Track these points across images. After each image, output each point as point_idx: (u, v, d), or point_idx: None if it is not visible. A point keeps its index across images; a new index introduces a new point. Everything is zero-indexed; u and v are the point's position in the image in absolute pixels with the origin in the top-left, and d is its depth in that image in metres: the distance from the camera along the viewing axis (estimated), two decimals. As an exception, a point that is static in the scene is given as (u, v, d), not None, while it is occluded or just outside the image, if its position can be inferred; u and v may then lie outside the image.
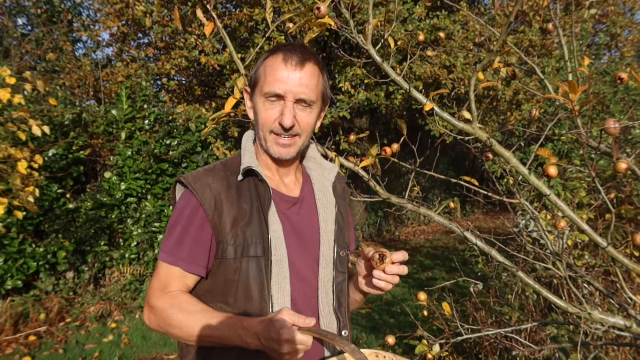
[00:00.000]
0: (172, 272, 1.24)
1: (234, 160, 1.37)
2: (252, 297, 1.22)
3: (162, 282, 1.24)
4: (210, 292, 1.26)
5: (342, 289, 1.38)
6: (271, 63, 1.29)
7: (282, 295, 1.24)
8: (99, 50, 9.81)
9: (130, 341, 4.84)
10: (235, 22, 7.15)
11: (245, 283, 1.23)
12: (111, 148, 6.57)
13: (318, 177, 1.46)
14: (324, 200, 1.42)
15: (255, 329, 1.09)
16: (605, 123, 1.32)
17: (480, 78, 1.67)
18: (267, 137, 1.30)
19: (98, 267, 5.95)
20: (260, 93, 1.30)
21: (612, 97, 5.68)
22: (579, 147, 4.79)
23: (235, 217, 1.25)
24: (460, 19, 7.20)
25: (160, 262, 1.26)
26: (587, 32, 7.95)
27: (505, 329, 2.23)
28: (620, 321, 1.67)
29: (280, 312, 1.08)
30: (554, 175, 1.46)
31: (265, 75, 1.28)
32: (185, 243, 1.24)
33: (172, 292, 1.23)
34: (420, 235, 11.38)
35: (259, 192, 1.29)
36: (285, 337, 1.03)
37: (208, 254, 1.25)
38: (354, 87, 7.31)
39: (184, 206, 1.28)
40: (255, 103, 1.33)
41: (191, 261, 1.24)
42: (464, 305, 3.73)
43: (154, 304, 1.22)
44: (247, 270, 1.23)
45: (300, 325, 1.06)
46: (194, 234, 1.24)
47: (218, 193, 1.26)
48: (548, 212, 3.70)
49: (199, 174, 1.31)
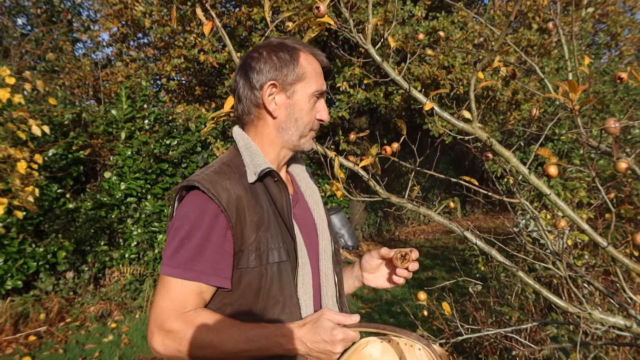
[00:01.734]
0: (189, 289, 1.12)
1: (236, 161, 1.27)
2: (279, 303, 1.17)
3: (176, 302, 1.11)
4: (229, 304, 1.17)
5: (340, 278, 1.40)
6: (311, 61, 1.29)
7: (307, 296, 1.22)
8: (98, 50, 9.82)
9: (130, 341, 4.84)
10: (234, 21, 7.15)
11: (272, 290, 1.17)
12: (111, 148, 6.56)
13: (300, 173, 1.45)
14: (313, 196, 1.41)
15: (297, 334, 1.06)
16: (605, 122, 1.32)
17: (479, 77, 1.67)
18: (306, 134, 1.30)
19: (98, 266, 5.95)
20: (305, 91, 1.27)
21: (612, 96, 5.68)
22: (578, 146, 4.79)
23: (257, 222, 1.18)
24: (459, 19, 7.20)
25: (170, 278, 1.12)
26: (586, 31, 7.95)
27: (505, 328, 2.23)
28: (620, 321, 1.67)
29: (323, 312, 1.07)
30: (554, 175, 1.46)
31: (312, 72, 1.28)
32: (207, 254, 1.12)
33: (190, 312, 1.11)
34: (420, 234, 11.38)
35: (271, 194, 1.23)
36: (340, 336, 1.03)
37: (231, 263, 1.16)
38: (352, 87, 7.31)
39: (200, 213, 1.14)
40: (295, 100, 1.27)
41: (216, 274, 1.13)
42: (464, 305, 3.73)
43: (170, 327, 1.09)
44: (273, 276, 1.17)
45: (347, 323, 1.05)
46: (216, 243, 1.13)
47: (239, 197, 1.17)
48: (548, 211, 3.71)
49: (210, 176, 1.18)
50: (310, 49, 1.31)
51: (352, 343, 1.07)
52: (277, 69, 1.26)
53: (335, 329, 1.03)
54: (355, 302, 6.02)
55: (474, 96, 1.59)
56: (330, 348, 1.03)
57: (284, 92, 1.27)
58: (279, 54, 1.27)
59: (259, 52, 1.29)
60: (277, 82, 1.26)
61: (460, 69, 6.86)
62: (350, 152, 8.17)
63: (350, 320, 1.06)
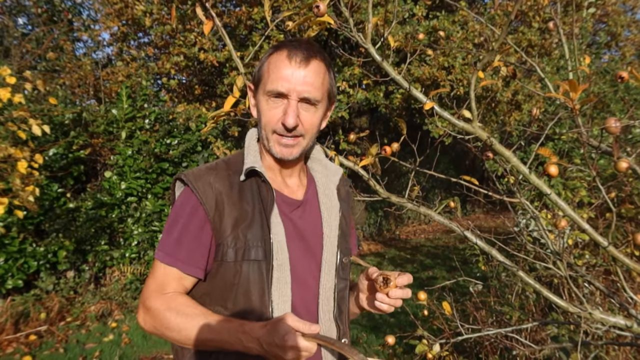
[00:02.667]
0: (169, 273, 1.19)
1: (236, 159, 1.30)
2: (251, 302, 1.18)
3: (158, 283, 1.19)
4: (207, 294, 1.22)
5: (343, 295, 1.34)
6: (275, 59, 1.22)
7: (282, 300, 1.20)
8: (99, 49, 9.82)
9: (130, 340, 4.84)
10: (234, 21, 7.15)
11: (245, 287, 1.18)
12: (111, 147, 6.56)
13: (322, 180, 1.40)
14: (328, 204, 1.36)
15: (256, 333, 1.06)
16: (606, 122, 1.32)
17: (480, 77, 1.67)
18: (269, 136, 1.25)
19: (98, 266, 5.95)
20: (263, 91, 1.24)
21: (613, 96, 5.68)
22: (579, 146, 4.79)
23: (237, 218, 1.20)
24: (459, 19, 7.19)
25: (157, 261, 1.21)
26: (586, 31, 7.94)
27: (505, 328, 2.23)
28: (621, 320, 1.67)
29: (284, 317, 1.05)
30: (554, 174, 1.46)
31: (269, 72, 1.22)
32: (184, 243, 1.19)
33: (168, 294, 1.18)
34: (421, 234, 11.38)
35: (261, 194, 1.24)
36: (290, 343, 1.00)
37: (207, 255, 1.20)
38: (351, 87, 7.31)
39: (183, 204, 1.22)
40: (258, 101, 1.27)
41: (189, 262, 1.19)
42: (464, 305, 3.73)
43: (149, 305, 1.17)
44: (247, 273, 1.18)
45: (305, 332, 1.03)
46: (193, 233, 1.19)
47: (219, 193, 1.21)
48: (548, 211, 3.70)
49: (200, 171, 1.25)
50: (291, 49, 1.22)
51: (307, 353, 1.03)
52: (255, 72, 1.30)
53: (288, 334, 1.01)
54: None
55: (474, 96, 1.59)
56: (281, 353, 1.01)
57: (255, 94, 1.30)
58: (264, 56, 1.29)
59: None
60: (251, 84, 1.32)
61: (461, 69, 6.85)
62: (351, 151, 8.17)
63: (309, 329, 1.03)
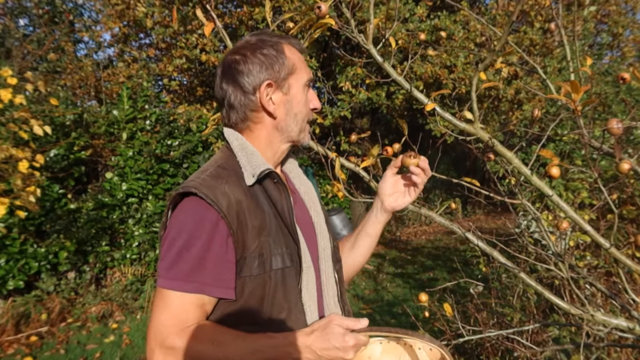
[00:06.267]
0: (189, 302, 1.05)
1: (231, 163, 1.19)
2: (284, 310, 1.12)
3: (177, 316, 1.04)
4: (232, 314, 1.10)
5: (340, 277, 1.35)
6: (294, 51, 1.25)
7: (311, 301, 1.17)
8: (100, 50, 9.83)
9: (131, 341, 4.84)
10: (235, 21, 7.15)
11: (276, 297, 1.11)
12: (112, 148, 6.57)
13: (293, 169, 1.38)
14: (309, 193, 1.35)
15: (306, 342, 1.02)
16: (608, 123, 1.32)
17: (482, 78, 1.66)
18: (305, 127, 1.25)
19: (99, 267, 5.96)
20: (299, 83, 1.23)
21: (614, 97, 5.67)
22: (580, 147, 4.78)
23: (259, 227, 1.11)
24: (461, 18, 7.19)
25: (169, 291, 1.05)
26: (588, 31, 7.93)
27: (507, 330, 2.22)
28: (623, 322, 1.66)
29: (332, 318, 1.04)
30: (556, 176, 1.45)
31: (295, 64, 1.23)
32: (208, 264, 1.06)
33: (191, 326, 1.05)
34: (422, 235, 11.36)
35: (271, 196, 1.16)
36: (352, 342, 1.00)
37: (234, 272, 1.09)
38: (354, 87, 7.30)
39: (198, 221, 1.07)
40: (291, 95, 1.22)
41: (219, 285, 1.07)
42: (465, 306, 3.72)
43: (172, 344, 1.02)
44: (277, 283, 1.11)
45: (356, 328, 1.03)
46: (217, 252, 1.06)
47: (238, 202, 1.09)
48: (549, 212, 3.70)
49: (208, 181, 1.10)
50: (289, 39, 1.25)
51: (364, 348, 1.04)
52: (268, 67, 1.20)
53: (347, 334, 1.01)
54: (356, 302, 6.01)
55: (475, 97, 1.58)
56: (343, 354, 1.00)
57: (280, 89, 1.21)
58: (264, 51, 1.20)
59: (242, 54, 1.20)
60: (272, 81, 1.20)
61: (463, 68, 6.85)
62: (352, 152, 8.17)
63: (359, 324, 1.03)
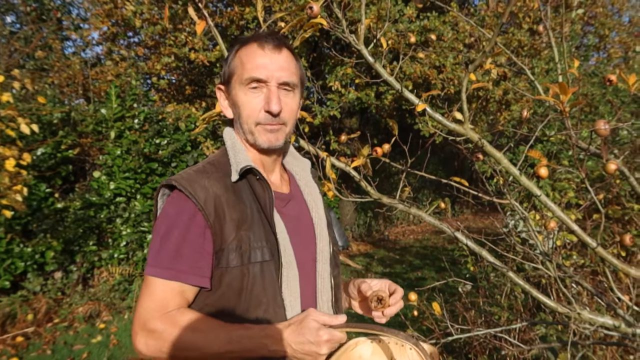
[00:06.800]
0: (170, 288, 1.11)
1: (221, 160, 1.25)
2: (262, 304, 1.14)
3: (158, 301, 1.10)
4: (211, 304, 1.15)
5: (337, 283, 1.36)
6: (246, 52, 1.22)
7: (293, 297, 1.18)
8: (88, 48, 9.74)
9: (119, 341, 4.81)
10: (226, 21, 7.14)
11: (254, 290, 1.14)
12: (100, 147, 6.52)
13: (300, 172, 1.41)
14: (312, 195, 1.38)
15: (282, 335, 1.05)
16: (596, 124, 1.34)
17: (472, 79, 1.68)
18: (253, 129, 1.22)
19: (86, 266, 5.90)
20: (239, 84, 1.21)
21: (601, 98, 5.73)
22: (567, 147, 4.83)
23: (238, 220, 1.15)
24: (450, 19, 7.23)
25: (152, 278, 1.11)
26: (575, 33, 8.02)
27: (494, 328, 2.24)
28: (609, 320, 1.68)
29: (308, 313, 1.05)
30: (544, 176, 1.47)
31: (242, 64, 1.21)
32: (185, 253, 1.11)
33: (172, 311, 1.10)
34: (410, 235, 11.42)
35: (255, 192, 1.20)
36: (326, 337, 1.01)
37: (211, 263, 1.14)
38: (344, 87, 7.32)
39: (178, 212, 1.14)
40: (234, 96, 1.24)
41: (195, 273, 1.12)
42: (454, 305, 3.75)
43: (153, 327, 1.07)
44: (255, 276, 1.14)
45: (332, 324, 1.04)
46: (193, 242, 1.12)
47: (217, 196, 1.15)
48: (536, 212, 3.74)
49: (190, 175, 1.18)
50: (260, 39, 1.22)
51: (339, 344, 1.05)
52: (223, 70, 1.27)
53: (321, 329, 1.02)
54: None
55: (465, 97, 1.60)
56: (316, 349, 1.01)
57: (226, 91, 1.26)
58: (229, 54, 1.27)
59: None
60: (220, 84, 1.28)
61: (452, 68, 6.90)
62: (341, 152, 8.18)
63: (337, 320, 1.04)
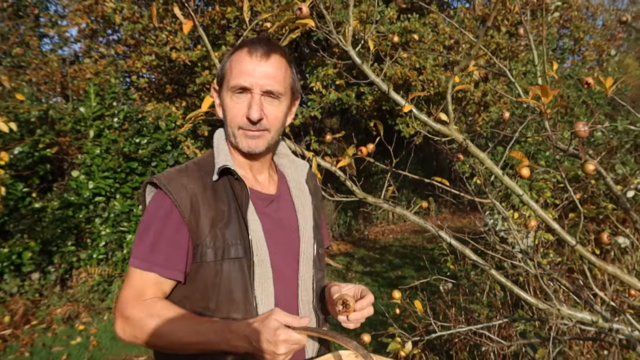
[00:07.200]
0: (146, 279, 1.17)
1: (206, 160, 1.32)
2: (234, 300, 1.19)
3: (136, 290, 1.17)
4: (187, 297, 1.21)
5: (320, 285, 1.38)
6: (236, 57, 1.26)
7: (265, 295, 1.21)
8: (66, 46, 9.56)
9: (98, 343, 4.76)
10: (207, 20, 7.11)
11: (227, 286, 1.19)
12: (79, 146, 6.45)
13: (292, 174, 1.44)
14: (300, 197, 1.40)
15: (244, 331, 1.07)
16: (575, 125, 1.38)
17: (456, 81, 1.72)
18: (235, 132, 1.27)
19: (65, 267, 5.82)
20: (227, 88, 1.26)
21: (576, 100, 5.87)
22: (545, 148, 4.93)
23: (213, 218, 1.21)
24: (430, 21, 7.31)
25: (132, 268, 1.19)
26: (552, 36, 8.19)
27: (476, 325, 2.29)
28: (587, 316, 1.74)
29: (272, 312, 1.07)
30: (526, 176, 1.51)
31: (231, 69, 1.25)
32: (160, 247, 1.18)
33: (147, 300, 1.16)
34: (389, 234, 11.49)
35: (235, 192, 1.25)
36: (282, 337, 1.02)
37: (185, 257, 1.19)
38: (324, 87, 7.35)
39: (156, 208, 1.22)
40: (223, 99, 1.29)
41: (168, 266, 1.18)
42: (435, 303, 3.80)
43: (128, 313, 1.15)
44: (229, 272, 1.19)
45: (294, 325, 1.05)
46: (169, 237, 1.18)
47: (194, 194, 1.21)
48: (515, 211, 3.81)
49: (171, 174, 1.25)
50: (250, 45, 1.26)
51: (297, 345, 1.05)
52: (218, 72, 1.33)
53: (279, 329, 1.03)
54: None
55: (450, 99, 1.63)
56: (273, 348, 1.03)
57: (219, 92, 1.32)
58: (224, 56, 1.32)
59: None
60: (215, 84, 1.34)
61: (432, 70, 6.97)
62: (321, 152, 8.20)
63: (298, 322, 1.05)
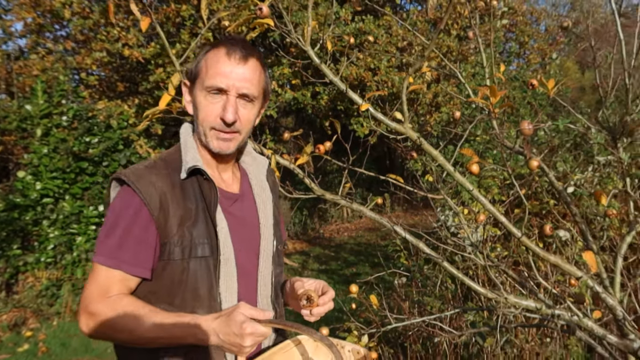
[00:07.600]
0: (112, 276, 1.17)
1: (173, 157, 1.30)
2: (199, 297, 1.21)
3: (101, 287, 1.17)
4: (153, 293, 1.21)
5: (279, 280, 1.42)
6: (213, 56, 1.25)
7: (229, 292, 1.24)
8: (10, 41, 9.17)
9: (48, 349, 4.62)
10: (162, 17, 6.99)
11: (193, 283, 1.21)
12: (25, 145, 6.23)
13: (254, 172, 1.46)
14: (262, 195, 1.42)
15: (210, 325, 1.09)
16: (521, 124, 1.48)
17: (410, 81, 1.80)
18: (207, 132, 1.27)
19: (10, 272, 5.62)
20: (200, 87, 1.26)
21: (521, 100, 6.13)
22: (492, 147, 5.14)
23: (182, 216, 1.21)
24: (384, 23, 7.46)
25: (98, 265, 1.18)
26: (499, 39, 8.51)
27: (429, 316, 2.39)
28: (532, 303, 1.86)
29: (238, 306, 1.10)
30: (476, 172, 1.60)
31: (207, 68, 1.24)
32: (128, 245, 1.18)
33: (113, 296, 1.16)
34: (344, 232, 11.62)
35: (203, 191, 1.26)
36: (249, 330, 1.05)
37: (153, 255, 1.20)
38: (280, 86, 7.38)
39: (124, 205, 1.20)
40: (195, 97, 1.28)
41: (135, 264, 1.18)
42: (389, 298, 3.91)
43: (93, 309, 1.14)
44: (195, 270, 1.21)
45: (259, 318, 1.08)
46: (137, 235, 1.18)
47: (163, 192, 1.21)
48: (464, 207, 3.97)
49: (139, 170, 1.23)
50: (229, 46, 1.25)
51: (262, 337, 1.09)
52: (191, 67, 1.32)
53: (246, 322, 1.06)
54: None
55: (405, 99, 1.70)
56: (239, 341, 1.06)
57: (190, 89, 1.32)
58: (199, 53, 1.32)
59: None
60: (186, 79, 1.33)
61: (386, 71, 7.12)
62: (278, 151, 8.22)
63: (263, 315, 1.10)
